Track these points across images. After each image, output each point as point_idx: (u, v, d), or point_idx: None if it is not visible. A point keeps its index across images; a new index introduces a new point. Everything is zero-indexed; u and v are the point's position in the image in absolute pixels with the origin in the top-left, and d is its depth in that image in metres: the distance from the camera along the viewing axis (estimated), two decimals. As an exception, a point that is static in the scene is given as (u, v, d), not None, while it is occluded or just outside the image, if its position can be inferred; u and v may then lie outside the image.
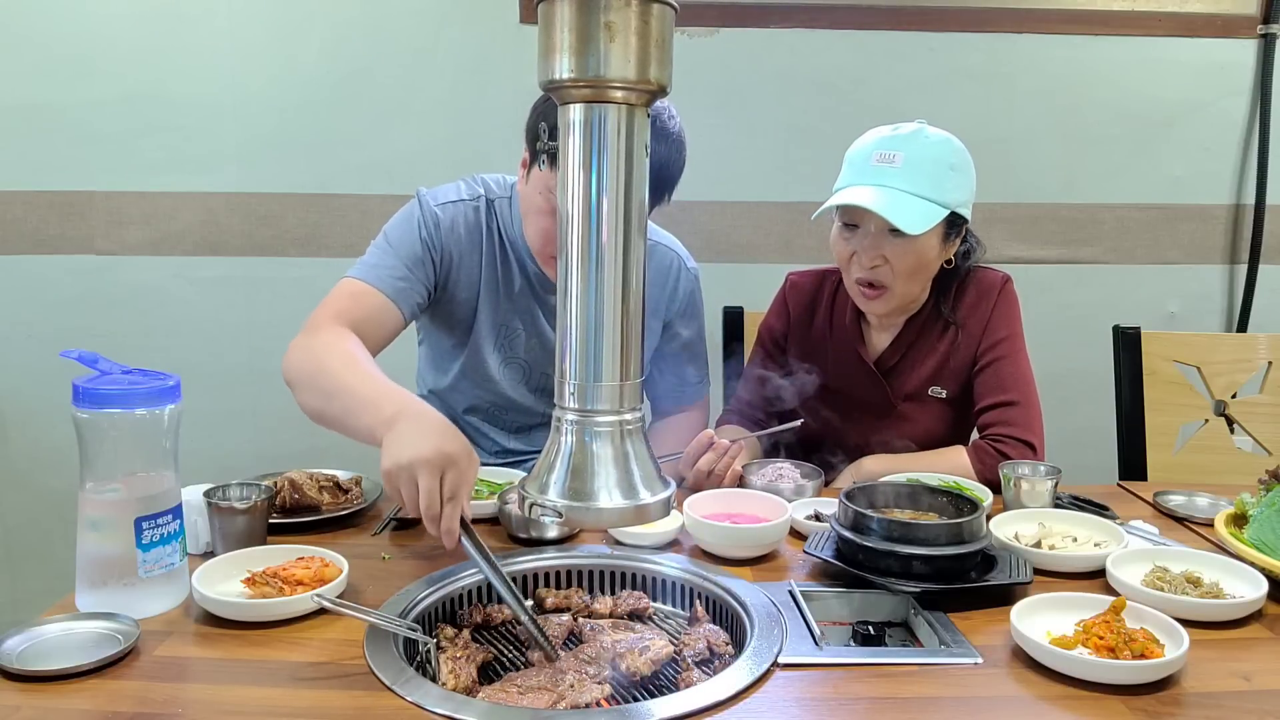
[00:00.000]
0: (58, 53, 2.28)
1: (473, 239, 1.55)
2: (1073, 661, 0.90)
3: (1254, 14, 2.37)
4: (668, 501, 0.87)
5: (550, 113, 1.31)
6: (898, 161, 1.46)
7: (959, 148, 1.51)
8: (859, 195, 1.46)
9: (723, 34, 2.33)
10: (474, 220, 1.56)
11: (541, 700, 0.88)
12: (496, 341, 1.61)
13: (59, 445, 2.28)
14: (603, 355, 0.83)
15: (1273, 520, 1.15)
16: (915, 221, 1.43)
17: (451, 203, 1.56)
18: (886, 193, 1.45)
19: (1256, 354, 1.96)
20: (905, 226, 1.42)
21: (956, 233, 1.54)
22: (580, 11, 0.76)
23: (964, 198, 1.50)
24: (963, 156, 1.51)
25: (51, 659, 0.90)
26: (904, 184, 1.45)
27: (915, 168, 1.46)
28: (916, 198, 1.45)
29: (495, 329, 1.60)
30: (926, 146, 1.48)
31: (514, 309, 1.60)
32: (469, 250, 1.55)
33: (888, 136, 1.50)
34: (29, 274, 2.37)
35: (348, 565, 1.09)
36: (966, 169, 1.51)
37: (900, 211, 1.43)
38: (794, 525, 1.29)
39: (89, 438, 1.00)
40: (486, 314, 1.59)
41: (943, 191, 1.46)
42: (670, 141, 1.40)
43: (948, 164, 1.48)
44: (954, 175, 1.48)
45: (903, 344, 1.62)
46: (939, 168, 1.47)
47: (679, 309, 1.70)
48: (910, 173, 1.46)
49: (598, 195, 0.81)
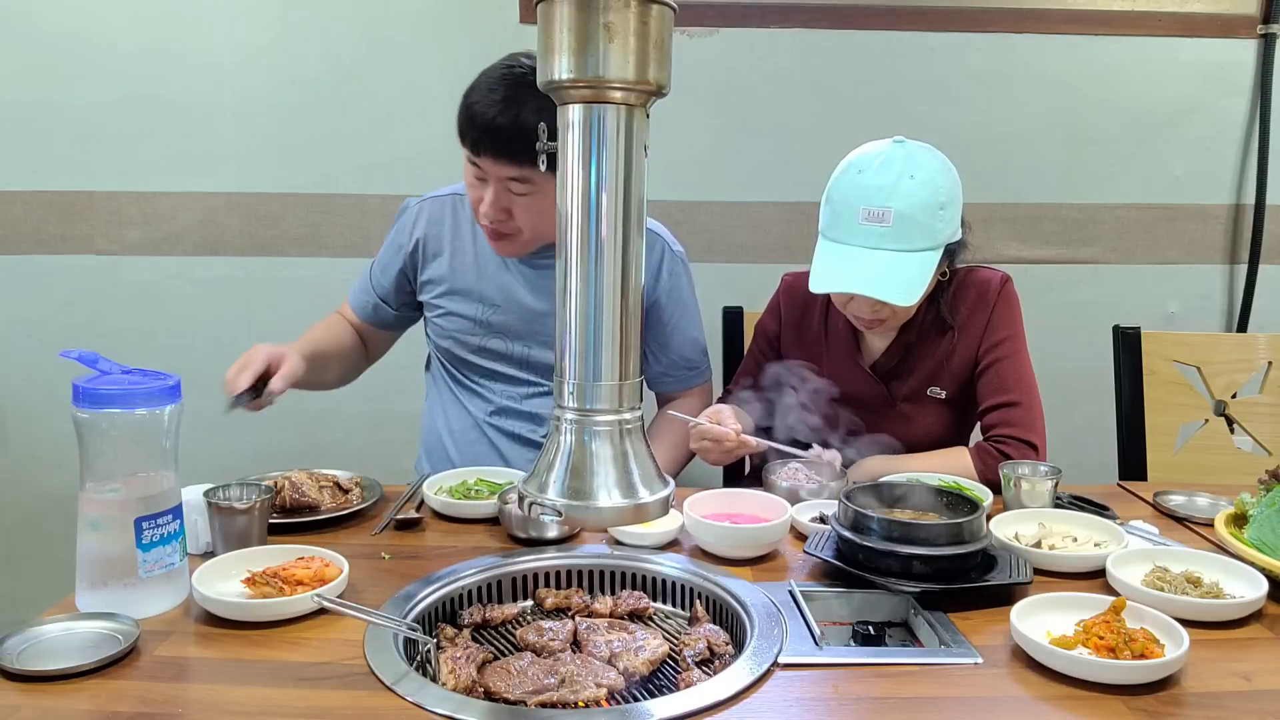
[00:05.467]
0: (58, 53, 2.28)
1: (441, 228, 1.70)
2: (1073, 661, 0.90)
3: (1254, 14, 2.37)
4: (667, 500, 0.88)
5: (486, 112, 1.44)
6: (889, 220, 1.40)
7: (945, 175, 1.45)
8: (851, 276, 1.42)
9: (722, 34, 2.33)
10: (442, 210, 1.71)
11: (541, 700, 0.89)
12: (476, 319, 1.69)
13: (59, 445, 2.28)
14: (601, 355, 0.83)
15: (1273, 520, 1.15)
16: (913, 289, 1.41)
17: (421, 201, 1.73)
18: (879, 261, 1.41)
19: (1256, 354, 1.96)
20: (904, 301, 1.40)
21: (950, 254, 1.52)
22: (579, 12, 0.76)
23: (955, 226, 1.47)
24: (950, 188, 1.45)
25: (52, 659, 0.90)
26: (896, 244, 1.41)
27: (907, 222, 1.41)
28: (911, 254, 1.42)
29: (473, 306, 1.68)
30: (915, 193, 1.41)
31: (490, 286, 1.67)
32: (434, 238, 1.70)
33: (875, 187, 1.42)
34: (29, 274, 2.37)
35: (348, 565, 1.09)
36: (955, 197, 1.46)
37: (893, 284, 1.40)
38: (795, 526, 1.29)
39: (89, 438, 1.00)
40: (462, 293, 1.68)
41: (934, 235, 1.43)
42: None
43: (937, 205, 1.42)
44: (944, 213, 1.43)
45: (900, 347, 1.62)
46: (929, 213, 1.42)
47: (665, 290, 1.71)
48: (902, 229, 1.41)
49: (597, 194, 0.81)
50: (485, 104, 1.43)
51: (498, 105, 1.42)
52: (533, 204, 1.51)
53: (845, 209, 1.45)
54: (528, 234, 1.56)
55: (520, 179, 1.47)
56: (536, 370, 1.69)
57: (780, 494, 1.38)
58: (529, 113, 1.41)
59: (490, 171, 1.48)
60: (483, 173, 1.50)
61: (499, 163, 1.46)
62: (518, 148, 1.43)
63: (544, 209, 1.52)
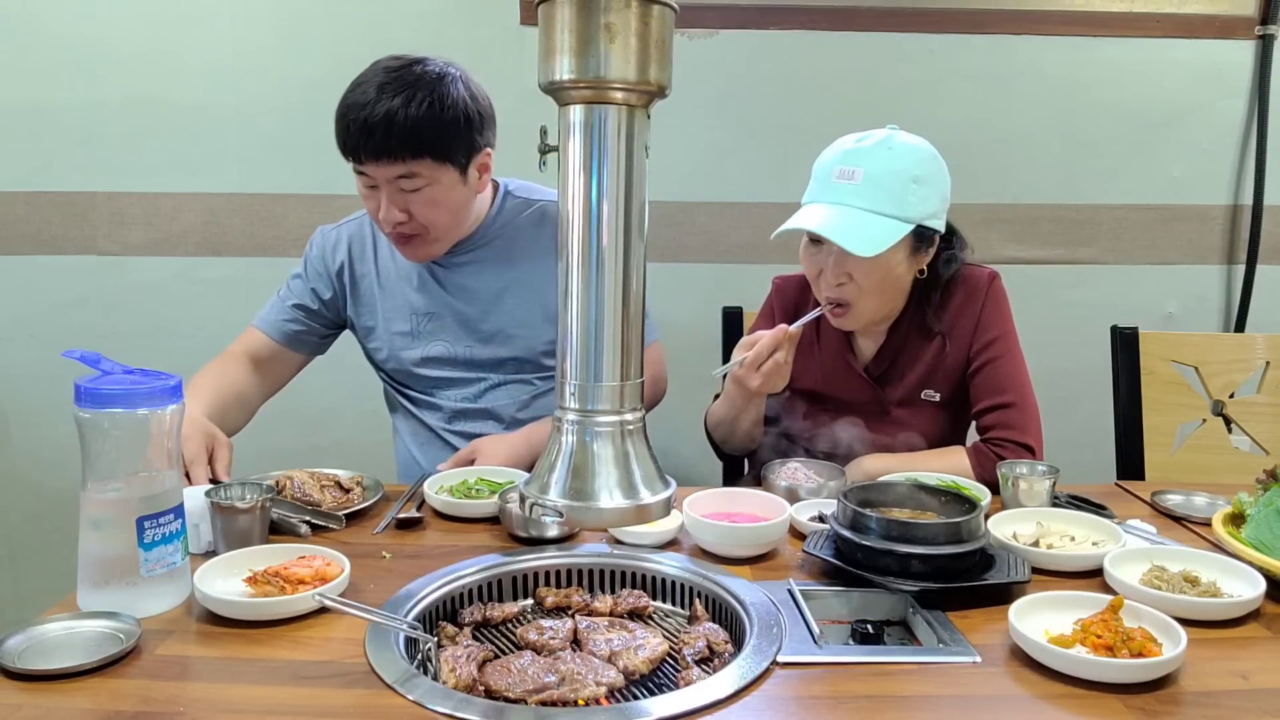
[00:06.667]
0: (61, 54, 2.29)
1: (362, 249, 1.71)
2: (1071, 660, 0.90)
3: (1252, 15, 2.37)
4: (668, 501, 0.88)
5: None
6: (857, 178, 1.43)
7: (927, 157, 1.47)
8: (814, 217, 1.44)
9: (722, 35, 2.33)
10: (360, 232, 1.72)
11: (541, 698, 0.89)
12: (412, 333, 1.69)
13: (61, 445, 2.29)
14: (603, 356, 0.84)
15: (1270, 519, 1.15)
16: (870, 243, 1.40)
17: (338, 226, 1.74)
18: (841, 213, 1.43)
19: (1254, 354, 1.96)
20: (857, 250, 1.40)
21: (928, 244, 1.52)
22: (580, 13, 0.77)
23: (930, 209, 1.46)
24: (930, 166, 1.47)
25: (53, 658, 0.91)
26: (862, 202, 1.42)
27: (875, 184, 1.42)
28: (875, 215, 1.42)
29: (404, 321, 1.69)
30: (889, 159, 1.44)
31: (421, 298, 1.68)
32: (359, 259, 1.71)
33: (850, 150, 1.47)
34: (31, 274, 2.38)
35: (349, 564, 1.09)
36: (934, 179, 1.47)
37: (853, 234, 1.41)
38: (794, 525, 1.30)
39: (91, 437, 1.01)
40: (393, 310, 1.69)
41: (904, 207, 1.43)
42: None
43: (910, 176, 1.44)
44: (918, 188, 1.44)
45: (890, 350, 1.62)
46: (900, 182, 1.43)
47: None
48: (869, 190, 1.42)
49: (598, 196, 0.81)
50: (357, 107, 1.45)
51: (368, 105, 1.44)
52: (428, 197, 1.51)
53: (822, 172, 1.50)
54: (434, 231, 1.56)
55: (407, 175, 1.48)
56: (483, 367, 1.69)
57: (779, 493, 1.38)
58: (398, 106, 1.43)
59: (377, 175, 1.48)
60: (371, 180, 1.50)
61: (380, 163, 1.46)
62: (395, 143, 1.44)
63: (440, 199, 1.52)
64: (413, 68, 1.48)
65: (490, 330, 1.68)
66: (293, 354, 1.73)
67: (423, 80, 1.47)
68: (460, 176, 1.54)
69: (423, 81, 1.47)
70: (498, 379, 1.71)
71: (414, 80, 1.46)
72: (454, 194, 1.54)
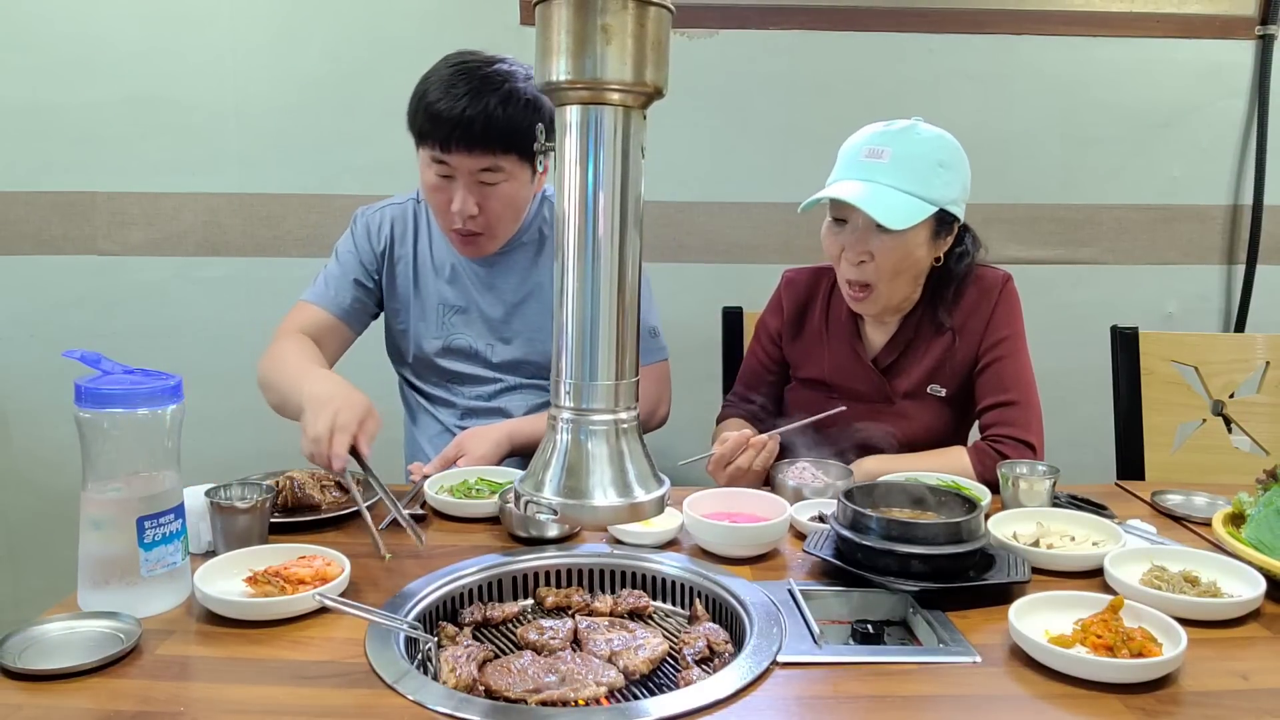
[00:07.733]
0: (60, 54, 2.29)
1: (404, 232, 1.73)
2: (1071, 660, 0.90)
3: (1252, 15, 2.37)
4: (662, 499, 0.88)
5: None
6: (886, 157, 1.47)
7: (951, 145, 1.51)
8: (844, 189, 1.47)
9: (722, 35, 2.33)
10: (404, 215, 1.74)
11: (541, 698, 0.89)
12: (437, 324, 1.71)
13: (61, 445, 2.29)
14: (598, 355, 0.84)
15: (1270, 519, 1.15)
16: (898, 217, 1.44)
17: (381, 208, 1.75)
18: (872, 187, 1.45)
19: (1254, 354, 1.96)
20: (887, 221, 1.43)
21: (947, 230, 1.54)
22: (577, 14, 0.77)
23: (953, 195, 1.50)
24: (954, 154, 1.51)
25: (54, 658, 0.91)
26: (891, 179, 1.46)
27: (903, 163, 1.46)
28: (902, 193, 1.45)
29: (432, 311, 1.71)
30: (917, 143, 1.48)
31: (451, 291, 1.70)
32: (400, 241, 1.72)
33: (879, 132, 1.51)
34: (31, 274, 2.38)
35: (349, 564, 1.09)
36: (958, 166, 1.51)
37: (883, 207, 1.44)
38: (794, 524, 1.30)
39: (91, 437, 1.01)
40: (423, 298, 1.71)
41: (930, 188, 1.46)
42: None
43: (936, 160, 1.48)
44: (943, 172, 1.48)
45: (900, 342, 1.63)
46: (927, 164, 1.47)
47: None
48: (898, 168, 1.46)
49: (594, 196, 0.81)
50: (449, 100, 1.48)
51: (464, 99, 1.47)
52: (503, 192, 1.55)
53: (850, 153, 1.53)
54: (498, 228, 1.60)
55: (491, 168, 1.52)
56: (501, 368, 1.71)
57: (787, 492, 1.39)
58: (494, 103, 1.47)
59: (460, 166, 1.51)
60: (448, 170, 1.53)
61: (473, 154, 1.50)
62: (492, 136, 1.48)
63: (513, 196, 1.58)
64: (496, 65, 1.52)
65: (511, 333, 1.71)
66: (348, 331, 1.72)
67: (513, 79, 1.51)
68: (532, 176, 1.60)
69: (513, 80, 1.51)
70: (514, 381, 1.72)
71: (506, 76, 1.51)
72: (524, 192, 1.60)
